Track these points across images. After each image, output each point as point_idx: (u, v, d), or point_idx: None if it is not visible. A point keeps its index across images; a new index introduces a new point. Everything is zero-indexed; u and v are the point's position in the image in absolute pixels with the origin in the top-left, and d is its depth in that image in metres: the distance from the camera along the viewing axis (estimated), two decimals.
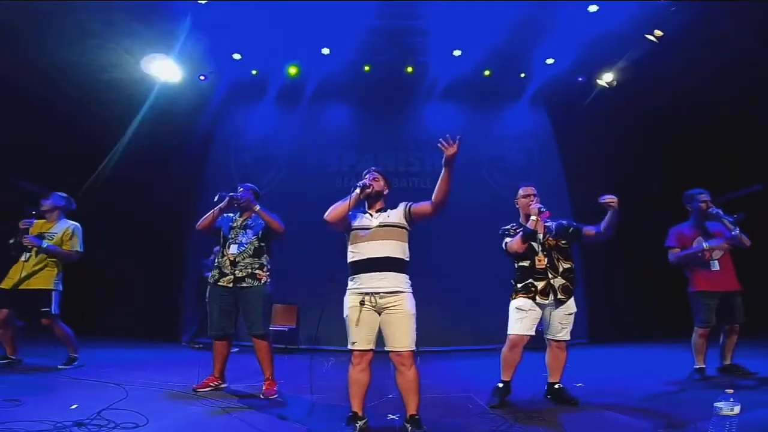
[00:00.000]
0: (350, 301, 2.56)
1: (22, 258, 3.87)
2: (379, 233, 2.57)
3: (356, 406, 2.56)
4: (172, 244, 7.06)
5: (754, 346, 4.28)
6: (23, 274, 3.79)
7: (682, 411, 2.76)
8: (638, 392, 3.27)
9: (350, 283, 2.61)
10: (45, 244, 3.85)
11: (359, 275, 2.54)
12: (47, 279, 3.88)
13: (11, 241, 3.89)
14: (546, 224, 3.19)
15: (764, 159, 6.28)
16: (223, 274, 3.38)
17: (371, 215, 2.66)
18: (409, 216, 2.66)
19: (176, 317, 6.94)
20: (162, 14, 5.57)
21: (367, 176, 2.75)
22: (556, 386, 3.17)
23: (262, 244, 3.47)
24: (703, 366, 3.70)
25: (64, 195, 4.19)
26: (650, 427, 2.48)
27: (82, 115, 6.34)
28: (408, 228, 2.67)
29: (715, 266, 3.71)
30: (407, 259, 2.62)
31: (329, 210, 2.58)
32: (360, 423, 2.52)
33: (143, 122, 6.71)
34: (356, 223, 2.63)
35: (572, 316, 3.11)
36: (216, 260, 3.49)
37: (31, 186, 7.40)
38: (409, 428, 2.48)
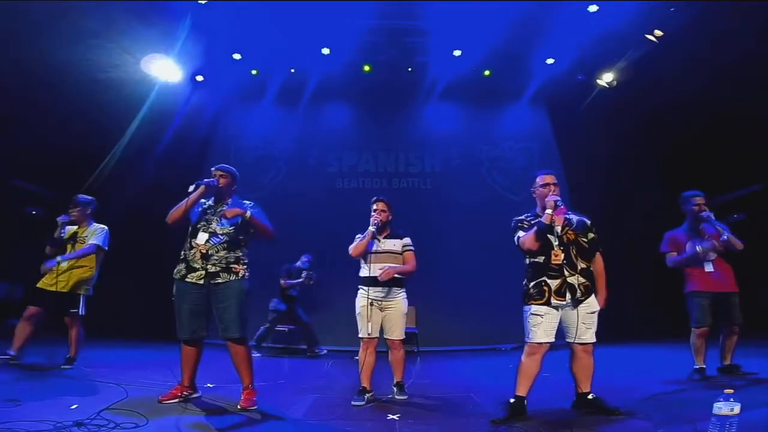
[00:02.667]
0: (362, 301, 3.34)
1: (60, 263, 3.90)
2: (385, 258, 3.35)
3: (365, 382, 3.29)
4: (171, 243, 7.05)
5: (754, 346, 4.29)
6: (59, 278, 3.89)
7: (682, 411, 2.76)
8: (638, 392, 3.27)
9: (362, 289, 3.37)
10: (59, 261, 3.88)
11: (369, 287, 3.32)
12: (79, 283, 4.02)
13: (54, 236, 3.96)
14: (566, 216, 2.83)
15: (764, 159, 6.29)
16: (191, 269, 2.92)
17: (379, 241, 3.42)
18: (401, 252, 3.46)
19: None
20: (162, 14, 5.57)
21: (374, 208, 3.43)
22: (590, 397, 2.82)
23: (241, 236, 3.02)
24: (703, 366, 3.70)
25: (89, 198, 4.21)
26: (650, 427, 2.48)
27: (81, 115, 6.34)
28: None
29: (709, 267, 3.73)
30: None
31: (353, 247, 3.38)
32: (368, 395, 3.25)
33: (143, 122, 6.70)
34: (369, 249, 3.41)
35: (595, 315, 2.80)
36: (182, 253, 3.04)
37: (30, 185, 7.43)
38: (395, 391, 3.36)
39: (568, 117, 7.48)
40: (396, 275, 3.29)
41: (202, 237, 2.95)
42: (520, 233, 2.85)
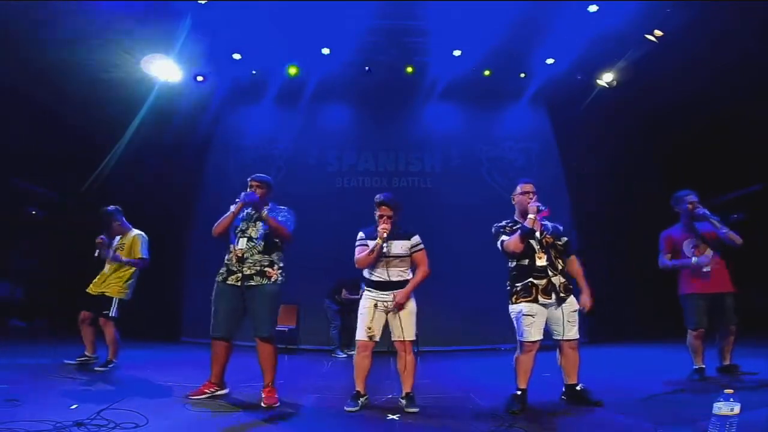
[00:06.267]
0: (367, 303, 3.14)
1: (105, 269, 4.26)
2: (393, 262, 3.12)
3: (359, 386, 3.09)
4: (171, 243, 7.05)
5: (752, 346, 4.28)
6: (102, 282, 4.21)
7: (682, 411, 2.76)
8: (638, 392, 3.26)
9: (369, 291, 3.17)
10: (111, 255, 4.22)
11: (376, 290, 3.13)
12: (115, 287, 4.19)
13: (96, 254, 4.22)
14: (542, 222, 3.10)
15: (764, 159, 6.28)
16: (230, 272, 3.14)
17: (386, 244, 3.12)
18: (409, 254, 3.20)
19: (176, 317, 6.94)
20: (162, 14, 5.57)
21: (378, 214, 3.14)
22: (578, 387, 3.04)
23: (276, 239, 3.21)
24: (703, 366, 3.69)
25: (112, 209, 4.39)
26: (650, 427, 2.48)
27: (82, 114, 6.34)
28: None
29: (706, 267, 3.68)
30: (412, 276, 3.18)
31: (360, 261, 3.16)
32: (362, 399, 3.05)
33: (143, 122, 6.70)
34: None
35: (577, 314, 3.02)
36: (225, 257, 3.23)
37: (31, 186, 7.43)
38: (404, 403, 3.01)
39: (568, 117, 7.47)
40: (406, 277, 3.13)
41: (241, 242, 3.18)
42: (504, 237, 3.08)
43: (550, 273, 2.98)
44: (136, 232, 4.36)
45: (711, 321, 3.69)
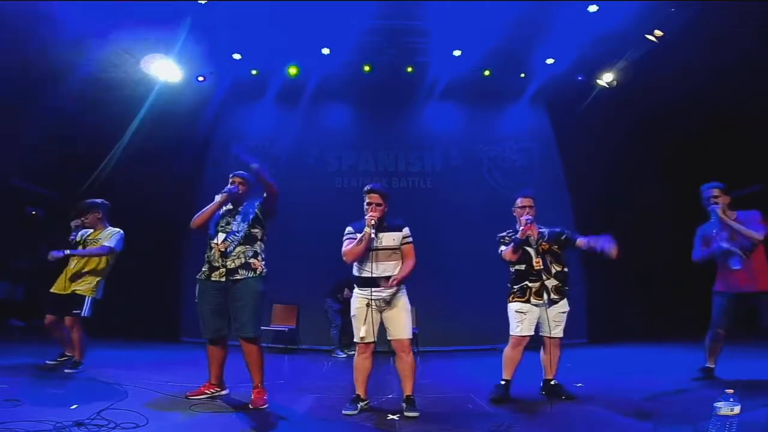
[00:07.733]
0: (358, 302, 3.04)
1: (69, 266, 4.02)
2: (383, 255, 2.99)
3: (360, 390, 3.02)
4: (171, 243, 7.06)
5: (755, 346, 4.28)
6: (68, 280, 3.97)
7: (682, 411, 2.76)
8: (638, 392, 3.26)
9: (360, 290, 3.05)
10: (67, 252, 3.94)
11: (366, 288, 2.99)
12: (88, 285, 3.98)
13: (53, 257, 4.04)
14: (540, 230, 3.36)
15: (764, 159, 6.28)
16: (213, 268, 3.05)
17: (377, 237, 2.99)
18: (399, 246, 3.07)
19: (176, 317, 6.93)
20: (162, 14, 5.57)
21: (367, 201, 3.01)
22: (552, 382, 3.32)
23: (255, 230, 3.15)
24: (711, 366, 3.64)
25: (97, 201, 4.19)
26: (650, 427, 2.48)
27: (81, 115, 6.34)
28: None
29: (736, 265, 3.38)
30: None
31: (347, 253, 3.00)
32: (362, 404, 2.97)
33: (143, 122, 6.70)
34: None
35: (565, 315, 3.31)
36: (205, 256, 3.15)
37: (31, 186, 7.42)
38: (405, 406, 2.92)
39: (568, 117, 7.47)
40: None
41: (220, 237, 3.11)
42: (502, 247, 3.40)
43: (543, 276, 3.27)
44: (115, 229, 4.15)
45: (736, 321, 3.49)
